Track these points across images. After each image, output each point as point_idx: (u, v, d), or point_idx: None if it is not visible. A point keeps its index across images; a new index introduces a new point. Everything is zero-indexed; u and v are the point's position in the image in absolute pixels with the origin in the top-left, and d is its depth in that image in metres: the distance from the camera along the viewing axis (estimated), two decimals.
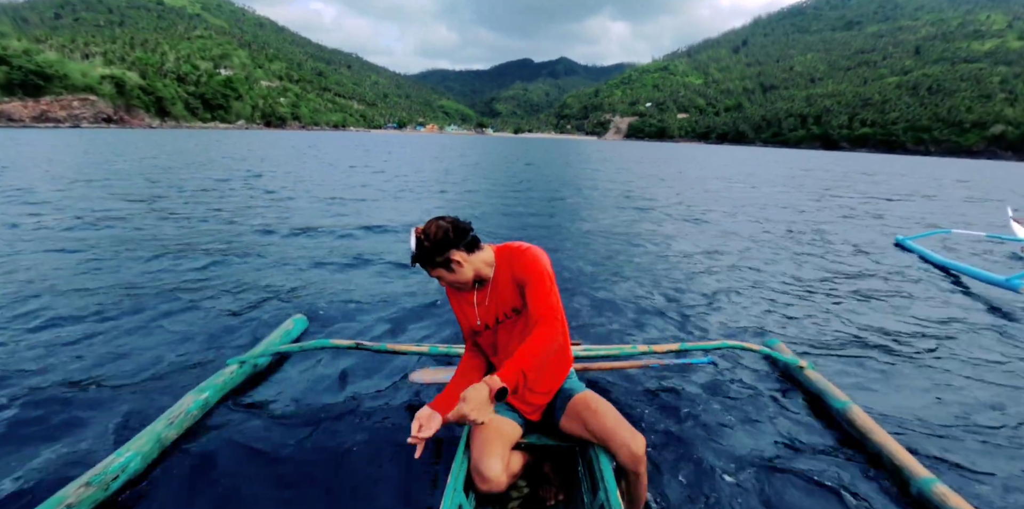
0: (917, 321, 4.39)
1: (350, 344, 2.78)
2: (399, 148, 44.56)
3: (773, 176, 24.27)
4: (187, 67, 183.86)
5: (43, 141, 34.51)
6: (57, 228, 6.77)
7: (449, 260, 1.70)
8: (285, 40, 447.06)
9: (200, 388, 2.49)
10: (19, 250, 5.59)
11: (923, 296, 5.17)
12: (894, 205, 13.70)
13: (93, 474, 1.83)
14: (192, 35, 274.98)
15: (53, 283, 4.45)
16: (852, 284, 5.54)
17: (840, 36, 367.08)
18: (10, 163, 16.47)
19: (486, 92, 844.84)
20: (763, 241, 7.90)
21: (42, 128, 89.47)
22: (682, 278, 5.52)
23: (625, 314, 4.26)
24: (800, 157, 67.20)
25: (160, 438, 2.10)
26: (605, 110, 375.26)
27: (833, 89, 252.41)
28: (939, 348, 3.79)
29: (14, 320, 3.62)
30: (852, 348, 3.72)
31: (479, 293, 1.84)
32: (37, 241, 6.01)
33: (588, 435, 1.73)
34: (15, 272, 4.77)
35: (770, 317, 4.34)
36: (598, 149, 66.89)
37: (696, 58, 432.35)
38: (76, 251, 5.59)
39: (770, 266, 6.26)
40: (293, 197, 10.91)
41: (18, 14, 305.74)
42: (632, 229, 8.58)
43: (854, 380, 3.19)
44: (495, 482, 1.57)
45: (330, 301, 4.26)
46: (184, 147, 31.39)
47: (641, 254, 6.66)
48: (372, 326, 3.78)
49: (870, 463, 2.27)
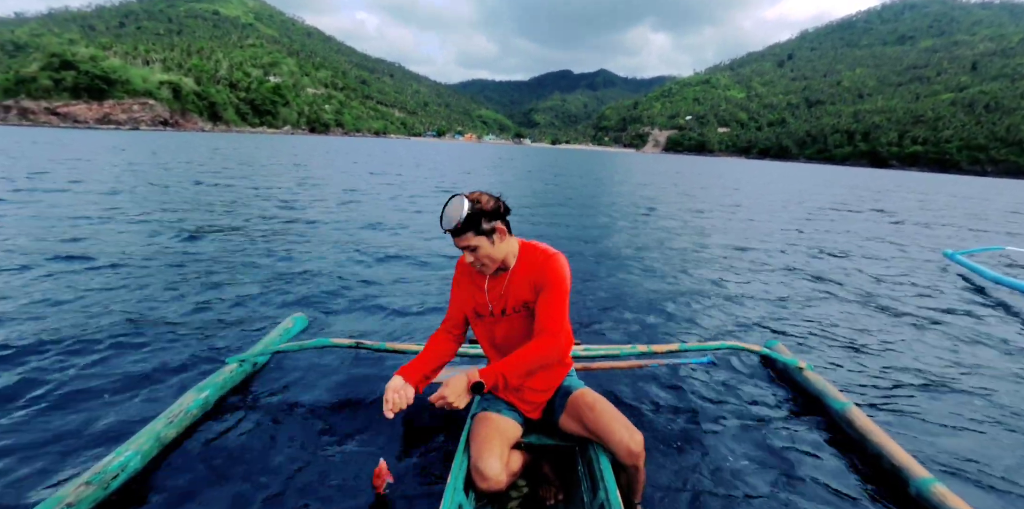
0: (942, 329, 4.36)
1: (350, 343, 2.77)
2: (433, 156, 44.99)
3: (819, 192, 23.79)
4: (239, 74, 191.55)
5: (106, 141, 36.37)
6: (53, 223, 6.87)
7: (495, 229, 1.69)
8: (331, 49, 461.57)
9: (200, 387, 2.49)
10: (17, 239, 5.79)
11: (958, 306, 5.13)
12: (944, 223, 13.39)
13: (93, 473, 1.82)
14: (244, 44, 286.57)
15: (49, 284, 4.44)
16: (882, 292, 5.50)
17: (892, 51, 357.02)
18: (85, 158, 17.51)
19: (525, 103, 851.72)
20: (788, 249, 7.92)
21: (104, 130, 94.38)
22: (688, 279, 5.57)
23: (625, 314, 4.27)
24: (848, 174, 65.40)
25: (160, 437, 2.10)
26: (644, 123, 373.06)
27: (883, 105, 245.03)
28: (958, 354, 3.80)
29: (12, 315, 3.66)
30: (855, 351, 3.74)
31: (493, 280, 1.84)
32: (36, 228, 6.32)
33: (587, 432, 1.74)
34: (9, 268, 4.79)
35: (775, 319, 4.36)
36: (633, 162, 66.31)
37: (739, 71, 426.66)
38: (79, 257, 5.43)
39: (789, 272, 6.30)
40: (297, 198, 10.96)
41: (86, 22, 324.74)
42: (642, 232, 8.68)
43: (852, 381, 3.21)
44: (494, 480, 1.57)
45: (330, 300, 4.26)
46: (239, 152, 32.47)
47: (646, 255, 6.75)
48: (372, 325, 3.77)
49: (869, 464, 2.27)
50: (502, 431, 1.74)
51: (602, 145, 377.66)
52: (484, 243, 1.69)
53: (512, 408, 1.88)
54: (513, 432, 1.79)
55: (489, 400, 1.90)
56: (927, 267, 7.18)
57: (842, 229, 10.88)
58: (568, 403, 1.83)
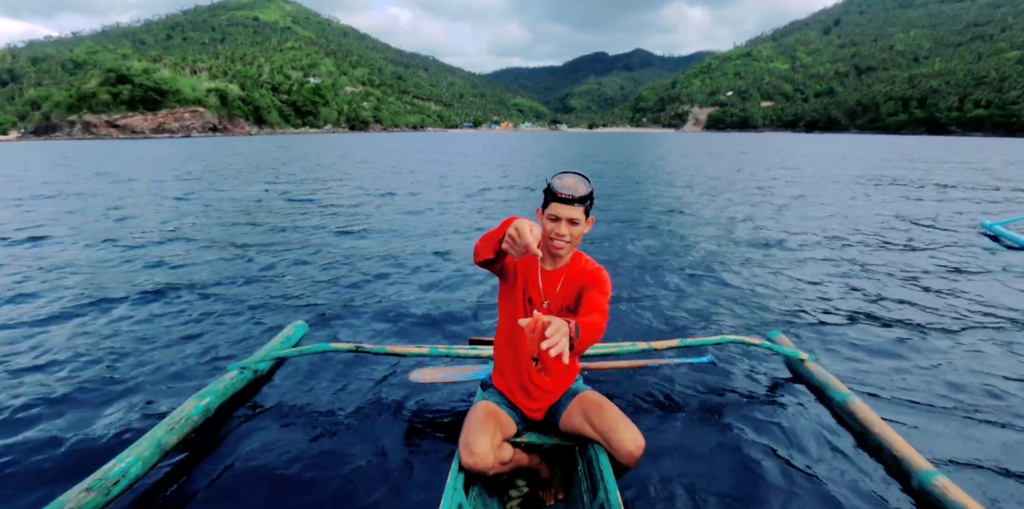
0: (965, 307, 4.27)
1: (350, 347, 2.79)
2: (467, 149, 43.81)
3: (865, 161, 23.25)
4: (280, 77, 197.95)
5: (159, 150, 38.54)
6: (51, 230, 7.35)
7: (589, 210, 1.72)
8: (367, 47, 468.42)
9: (201, 394, 2.50)
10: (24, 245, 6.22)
11: (987, 278, 5.03)
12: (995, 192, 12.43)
13: (94, 479, 1.84)
14: (284, 47, 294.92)
15: (44, 287, 4.72)
16: (903, 270, 5.38)
17: (949, 9, 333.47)
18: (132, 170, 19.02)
19: (560, 88, 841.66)
20: (813, 226, 7.83)
21: (159, 138, 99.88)
22: (696, 268, 5.50)
23: (624, 310, 4.22)
24: (909, 144, 59.34)
25: (161, 443, 2.11)
26: (683, 101, 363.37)
27: (940, 68, 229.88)
28: (967, 335, 3.67)
29: (15, 319, 3.85)
30: (861, 340, 3.61)
31: (548, 274, 1.83)
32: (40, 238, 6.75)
33: (588, 431, 1.74)
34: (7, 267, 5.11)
35: (780, 308, 4.25)
36: (669, 143, 64.27)
37: (782, 42, 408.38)
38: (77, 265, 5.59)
39: (809, 248, 6.21)
40: (301, 201, 10.88)
41: (137, 37, 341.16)
42: (652, 213, 8.62)
43: (855, 371, 3.14)
44: (480, 456, 1.57)
45: (330, 307, 4.25)
46: (277, 153, 33.56)
47: (652, 244, 6.67)
48: (372, 330, 3.78)
49: (871, 455, 2.26)
50: (498, 419, 1.75)
51: (640, 126, 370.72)
52: (583, 222, 1.71)
53: (513, 407, 1.89)
54: (509, 426, 1.79)
55: (492, 395, 1.92)
56: (959, 238, 6.92)
57: (880, 200, 10.66)
58: (575, 402, 1.83)
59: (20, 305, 4.26)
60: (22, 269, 5.38)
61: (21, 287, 4.74)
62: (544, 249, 1.78)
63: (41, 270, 5.34)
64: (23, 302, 4.33)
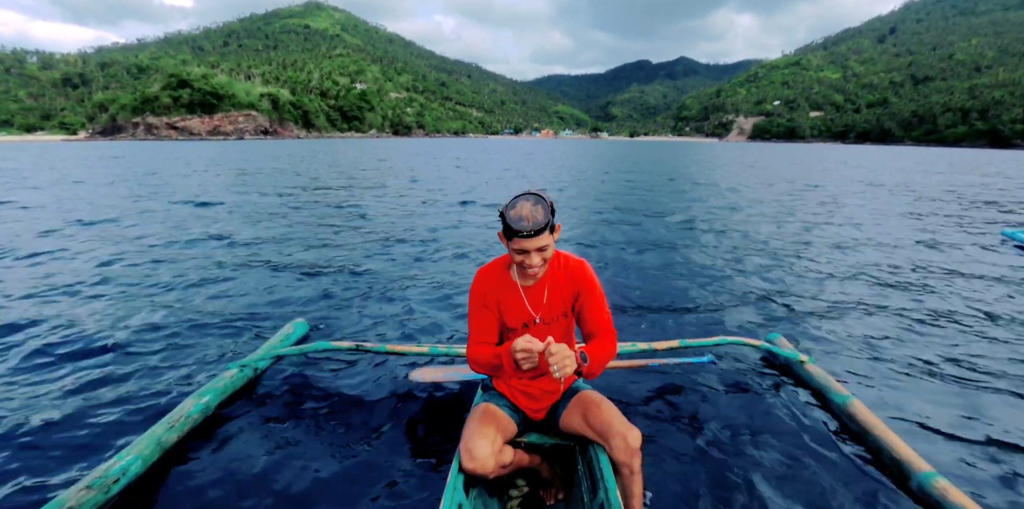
0: (967, 311, 4.27)
1: (350, 346, 2.79)
2: (497, 154, 43.43)
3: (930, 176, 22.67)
4: (328, 83, 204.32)
5: (212, 150, 39.67)
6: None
7: (555, 226, 1.66)
8: (411, 54, 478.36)
9: (201, 392, 2.49)
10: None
11: (998, 284, 5.02)
12: None
13: (94, 477, 1.83)
14: (332, 54, 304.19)
15: (42, 288, 4.64)
16: (913, 270, 5.44)
17: (1015, 16, 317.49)
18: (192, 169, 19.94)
19: (601, 96, 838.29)
20: (819, 233, 7.81)
21: (214, 140, 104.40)
22: (696, 269, 5.52)
23: (624, 310, 4.22)
24: (983, 157, 53.09)
25: (161, 442, 2.10)
26: (727, 111, 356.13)
27: (1005, 78, 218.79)
28: (970, 339, 3.67)
29: (14, 320, 3.78)
30: (861, 342, 3.61)
31: (529, 290, 1.81)
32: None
33: (586, 429, 1.74)
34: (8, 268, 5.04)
35: (782, 312, 4.23)
36: (712, 152, 62.47)
37: (833, 50, 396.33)
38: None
39: (814, 255, 6.21)
40: (302, 202, 10.93)
41: (196, 43, 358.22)
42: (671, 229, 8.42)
43: (855, 373, 3.14)
44: (480, 461, 1.56)
45: (331, 305, 4.25)
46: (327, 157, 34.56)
47: (657, 247, 6.67)
48: (372, 329, 3.76)
49: (871, 457, 2.25)
50: (499, 421, 1.74)
51: (683, 136, 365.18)
52: (551, 242, 1.65)
53: (514, 408, 1.89)
54: (509, 428, 1.78)
55: (492, 396, 1.91)
56: (979, 246, 6.91)
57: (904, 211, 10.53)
58: (574, 401, 1.84)
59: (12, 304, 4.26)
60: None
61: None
62: (520, 274, 1.79)
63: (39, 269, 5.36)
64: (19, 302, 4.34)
